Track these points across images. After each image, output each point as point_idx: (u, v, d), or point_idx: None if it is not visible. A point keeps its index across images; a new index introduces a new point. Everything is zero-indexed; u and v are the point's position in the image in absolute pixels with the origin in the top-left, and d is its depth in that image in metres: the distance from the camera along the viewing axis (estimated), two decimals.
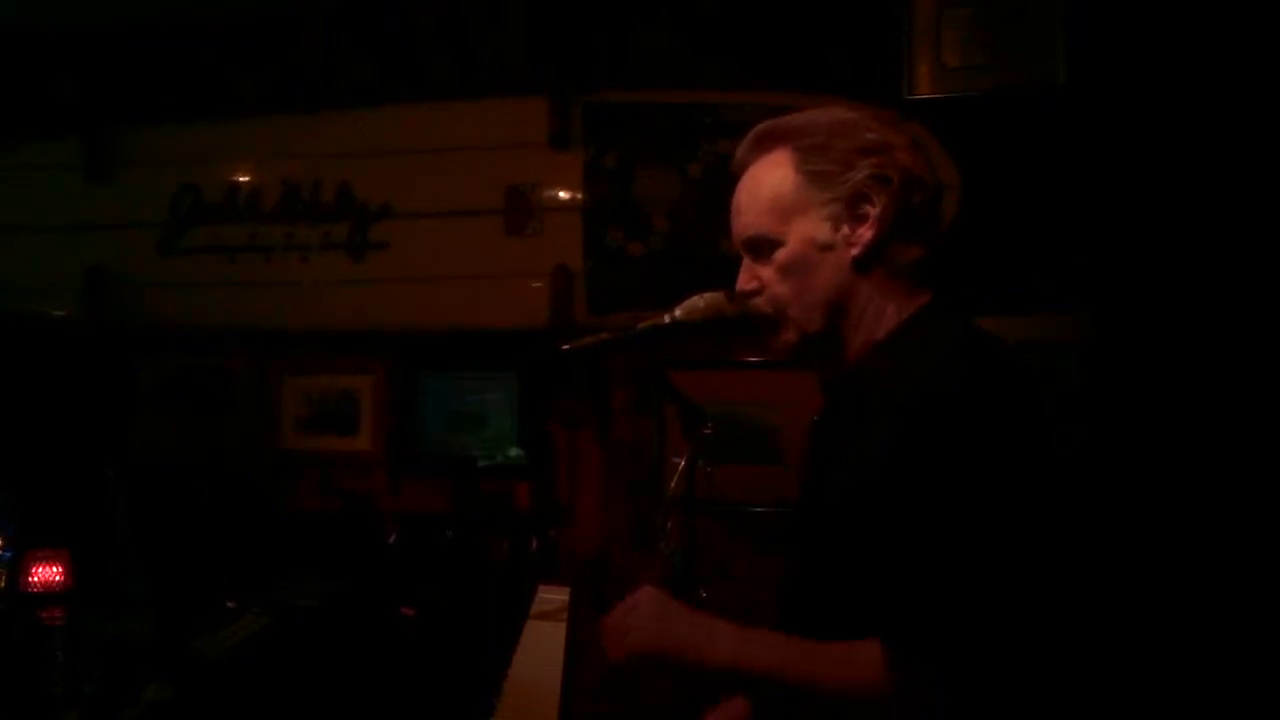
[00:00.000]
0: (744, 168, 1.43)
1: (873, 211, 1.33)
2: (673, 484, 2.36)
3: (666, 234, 3.35)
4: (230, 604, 2.11)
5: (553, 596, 2.67)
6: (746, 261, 1.41)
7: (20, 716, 1.52)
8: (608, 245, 3.39)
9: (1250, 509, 2.82)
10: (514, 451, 3.50)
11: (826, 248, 1.35)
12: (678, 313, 1.45)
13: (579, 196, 3.42)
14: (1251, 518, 2.81)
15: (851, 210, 1.34)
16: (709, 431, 2.29)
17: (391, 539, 3.13)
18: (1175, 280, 2.96)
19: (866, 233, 1.34)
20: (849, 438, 1.34)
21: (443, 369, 3.58)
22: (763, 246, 1.38)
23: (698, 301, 1.45)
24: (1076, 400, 2.97)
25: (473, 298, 3.46)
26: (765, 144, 1.40)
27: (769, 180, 1.38)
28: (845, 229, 1.35)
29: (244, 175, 3.61)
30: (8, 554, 2.12)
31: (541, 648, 2.12)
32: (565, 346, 1.52)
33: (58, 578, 2.41)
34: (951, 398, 1.21)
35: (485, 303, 3.46)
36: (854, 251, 1.34)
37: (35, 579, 2.35)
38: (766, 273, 1.38)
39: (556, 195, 3.44)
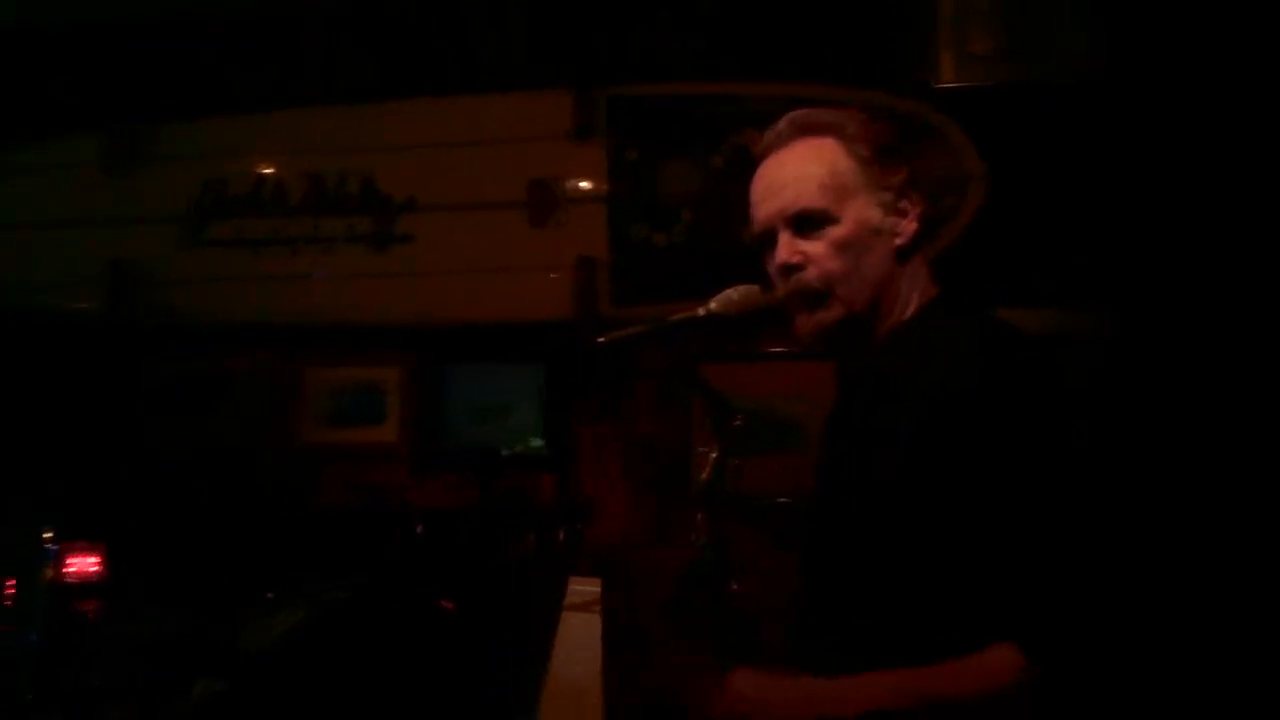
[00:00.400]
0: (774, 151, 1.43)
1: (913, 208, 1.38)
2: (702, 476, 2.36)
3: (690, 226, 3.34)
4: (269, 596, 2.12)
5: (584, 588, 2.68)
6: (786, 236, 1.41)
7: (67, 711, 1.53)
8: (631, 237, 3.38)
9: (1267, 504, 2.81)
10: (535, 442, 3.50)
11: (877, 232, 1.38)
12: (713, 305, 1.46)
13: (603, 189, 3.41)
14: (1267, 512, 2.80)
15: (896, 204, 1.39)
16: (738, 424, 2.30)
17: (417, 532, 3.14)
18: (1195, 276, 2.95)
19: (912, 225, 1.38)
20: (871, 426, 1.35)
21: (467, 361, 3.58)
22: (815, 222, 1.39)
23: (732, 294, 1.46)
24: (1086, 395, 2.97)
25: (497, 290, 3.46)
26: (805, 131, 1.42)
27: (821, 160, 1.39)
28: (892, 219, 1.38)
29: (269, 169, 3.61)
30: (54, 547, 2.13)
31: (578, 639, 2.13)
32: (600, 339, 1.53)
33: (93, 569, 2.42)
34: (985, 383, 1.23)
35: (509, 295, 3.45)
36: (898, 241, 1.38)
37: (71, 571, 2.36)
38: (816, 248, 1.39)
39: (580, 187, 3.43)
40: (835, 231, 1.38)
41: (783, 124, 1.44)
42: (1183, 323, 2.96)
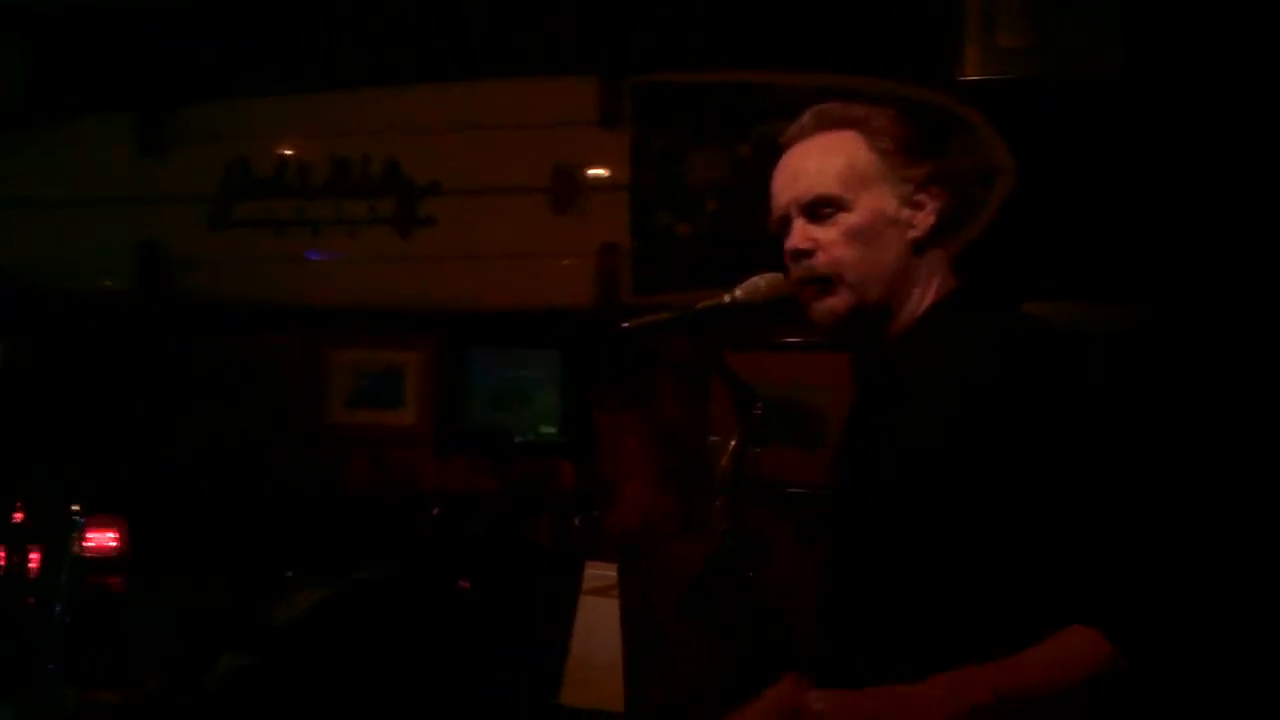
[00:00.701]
0: (798, 141, 1.44)
1: (932, 203, 1.39)
2: (723, 462, 2.37)
3: (715, 215, 3.34)
4: (289, 574, 2.14)
5: (602, 573, 2.70)
6: (800, 222, 1.42)
7: (98, 681, 1.55)
8: (655, 225, 3.37)
9: None
10: (550, 429, 3.51)
11: (892, 223, 1.38)
12: (738, 293, 1.47)
13: (627, 176, 3.40)
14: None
15: (914, 197, 1.39)
16: (758, 412, 2.30)
17: (435, 513, 3.16)
18: (1223, 272, 2.93)
19: (928, 218, 1.39)
20: (886, 423, 1.36)
21: (488, 346, 3.59)
22: (828, 208, 1.39)
23: (759, 282, 1.48)
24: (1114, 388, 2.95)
25: (519, 275, 3.46)
26: (831, 124, 1.42)
27: (841, 151, 1.40)
28: (908, 211, 1.39)
29: (293, 150, 3.62)
30: (81, 519, 2.15)
31: (597, 623, 2.14)
32: (625, 325, 1.55)
33: (112, 543, 2.45)
34: (1004, 376, 1.23)
35: (531, 281, 3.45)
36: (913, 233, 1.39)
37: (91, 544, 2.38)
38: (826, 235, 1.39)
39: (604, 175, 3.43)
40: (847, 219, 1.38)
41: (807, 116, 1.45)
42: (1212, 318, 2.95)
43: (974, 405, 1.23)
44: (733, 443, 2.34)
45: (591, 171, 3.43)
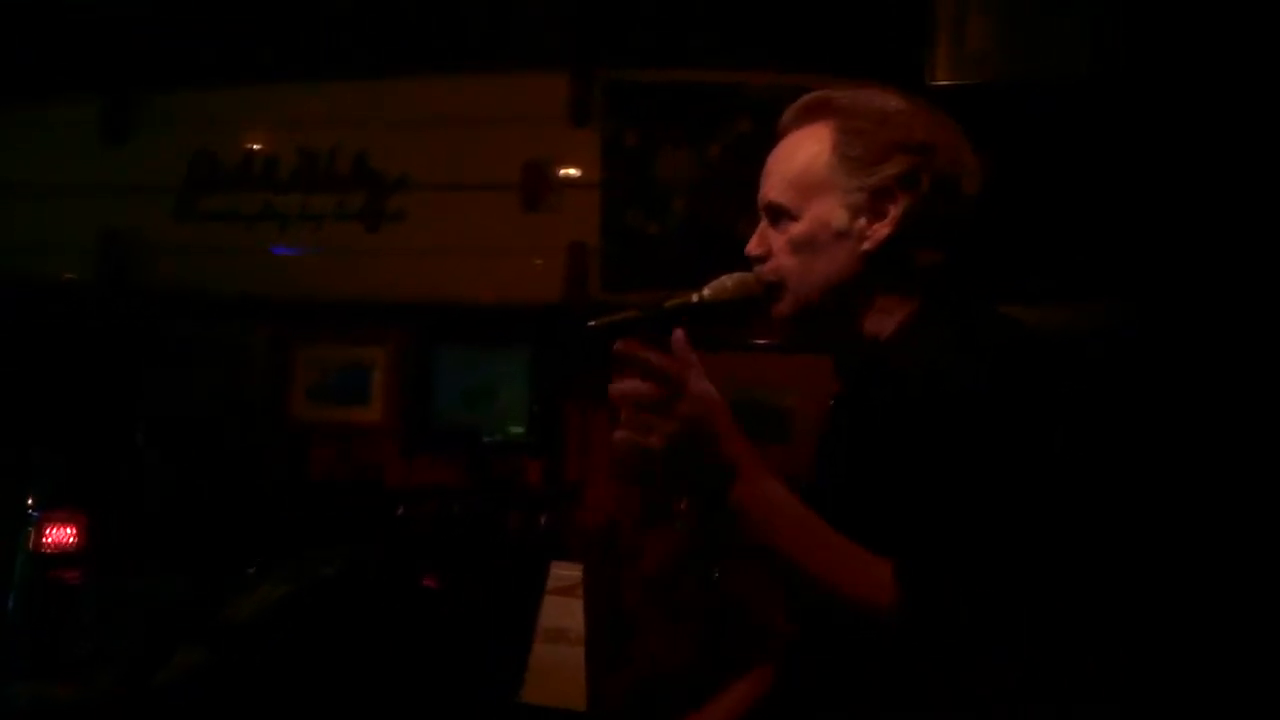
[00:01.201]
0: (787, 132, 1.43)
1: (893, 211, 1.34)
2: None
3: (684, 214, 3.33)
4: (250, 571, 2.11)
5: (567, 573, 2.68)
6: (763, 225, 1.41)
7: (50, 675, 1.53)
8: (625, 223, 3.37)
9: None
10: (515, 428, 3.50)
11: (840, 234, 1.35)
12: (706, 292, 1.44)
13: (597, 174, 3.39)
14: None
15: (874, 204, 1.35)
16: None
17: (399, 512, 3.14)
18: (1196, 272, 2.96)
19: (883, 230, 1.34)
20: (854, 432, 1.37)
21: (456, 342, 3.58)
22: (780, 215, 1.38)
23: (726, 281, 1.45)
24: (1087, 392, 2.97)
25: (488, 272, 3.44)
26: (812, 114, 1.40)
27: (803, 153, 1.38)
28: (863, 221, 1.35)
29: (259, 143, 3.59)
30: (36, 514, 2.12)
31: (560, 623, 2.13)
32: (591, 323, 1.47)
33: (71, 540, 2.41)
34: (961, 379, 1.22)
35: (500, 277, 3.44)
36: (866, 246, 1.35)
37: (49, 540, 2.35)
38: (778, 241, 1.39)
39: (574, 172, 3.41)
40: (794, 228, 1.37)
41: (797, 104, 1.43)
42: (1184, 318, 2.97)
43: (916, 418, 1.23)
44: None
45: (562, 168, 3.42)
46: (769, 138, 1.48)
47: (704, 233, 3.29)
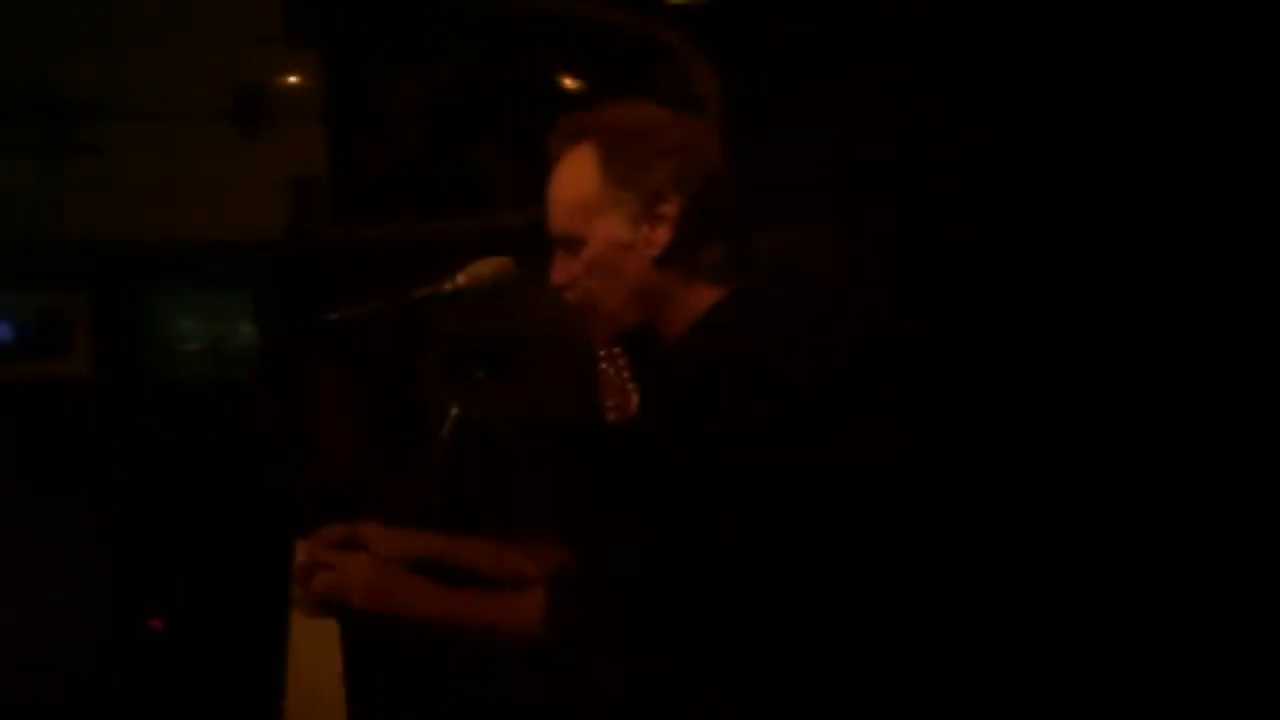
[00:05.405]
0: (555, 160, 1.44)
1: (669, 212, 1.36)
2: (443, 431, 2.35)
3: (415, 142, 3.21)
4: None
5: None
6: (560, 255, 1.43)
7: None
8: (351, 153, 3.24)
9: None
10: (243, 375, 3.37)
11: (627, 247, 1.38)
12: (460, 279, 1.47)
13: (319, 98, 3.25)
14: None
15: (649, 211, 1.37)
16: (480, 377, 2.31)
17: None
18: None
19: (664, 234, 1.37)
20: (651, 415, 1.44)
21: (168, 286, 3.37)
22: (570, 243, 1.40)
23: (483, 268, 1.48)
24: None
25: (201, 207, 3.26)
26: (575, 137, 1.42)
27: (571, 179, 1.41)
28: (645, 229, 1.37)
29: None
30: None
31: (313, 644, 1.93)
32: (334, 315, 1.53)
33: None
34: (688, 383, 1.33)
35: (215, 213, 3.27)
36: (652, 252, 1.37)
37: None
38: (575, 268, 1.40)
39: (294, 96, 3.26)
40: (586, 253, 1.40)
41: (558, 130, 1.45)
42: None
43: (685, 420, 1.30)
44: (454, 411, 2.32)
45: (280, 93, 3.25)
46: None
47: (436, 161, 3.16)
